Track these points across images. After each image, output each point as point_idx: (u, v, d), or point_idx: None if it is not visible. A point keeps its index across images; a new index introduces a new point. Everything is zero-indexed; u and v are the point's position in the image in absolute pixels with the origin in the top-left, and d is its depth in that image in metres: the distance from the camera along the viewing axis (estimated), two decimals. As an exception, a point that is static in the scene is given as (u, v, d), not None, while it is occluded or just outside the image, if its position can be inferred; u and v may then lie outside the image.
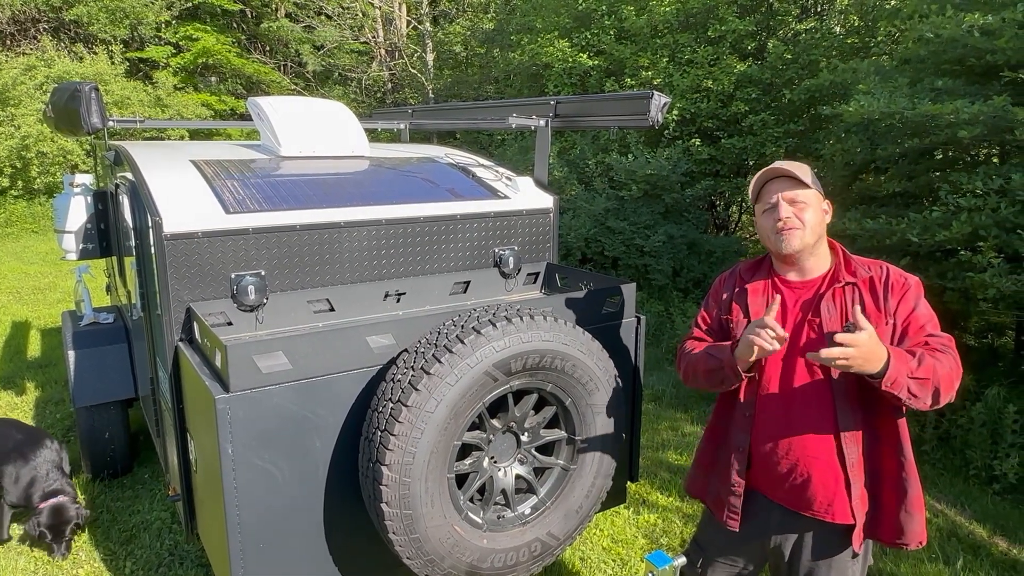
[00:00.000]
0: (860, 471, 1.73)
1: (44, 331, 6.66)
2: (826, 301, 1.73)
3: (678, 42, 8.11)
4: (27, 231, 12.59)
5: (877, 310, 1.70)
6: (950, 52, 4.28)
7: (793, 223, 1.72)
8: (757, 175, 1.82)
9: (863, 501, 1.74)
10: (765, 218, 1.79)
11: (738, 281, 1.92)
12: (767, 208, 1.78)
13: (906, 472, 1.71)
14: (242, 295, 2.38)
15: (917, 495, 1.72)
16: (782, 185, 1.75)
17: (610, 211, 7.52)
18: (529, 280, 3.10)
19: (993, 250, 3.86)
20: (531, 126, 3.17)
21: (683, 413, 5.02)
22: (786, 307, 1.79)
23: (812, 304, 1.76)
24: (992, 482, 3.90)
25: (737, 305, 1.89)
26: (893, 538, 1.74)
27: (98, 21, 15.32)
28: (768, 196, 1.77)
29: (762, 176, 1.80)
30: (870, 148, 5.05)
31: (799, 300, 1.78)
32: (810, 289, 1.78)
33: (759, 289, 1.85)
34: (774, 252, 1.82)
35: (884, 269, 1.74)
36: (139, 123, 3.29)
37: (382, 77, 16.81)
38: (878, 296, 1.71)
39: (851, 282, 1.73)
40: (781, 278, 1.84)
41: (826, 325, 1.71)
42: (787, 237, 1.73)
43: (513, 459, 2.18)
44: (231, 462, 1.81)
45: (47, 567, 3.03)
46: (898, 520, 1.72)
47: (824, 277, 1.78)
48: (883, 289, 1.71)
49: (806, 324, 1.75)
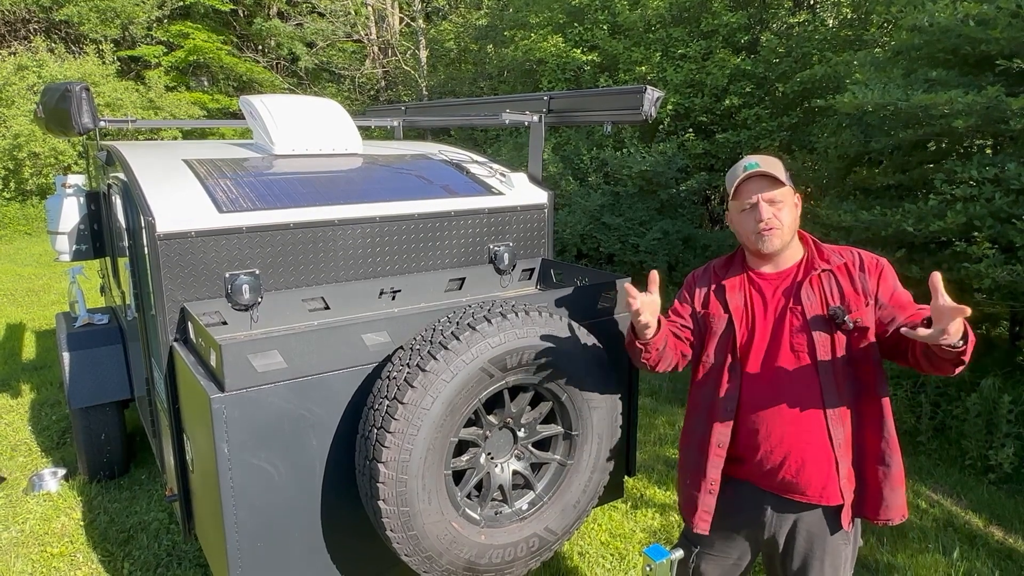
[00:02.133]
0: (848, 450, 1.77)
1: (39, 333, 6.64)
2: (805, 289, 1.78)
3: (671, 36, 8.10)
4: (20, 233, 12.54)
5: (856, 293, 1.75)
6: (944, 42, 4.28)
7: (774, 223, 1.75)
8: (733, 172, 1.82)
9: (850, 480, 1.78)
10: (744, 217, 1.80)
11: (713, 277, 1.95)
12: (745, 208, 1.79)
13: (889, 448, 1.76)
14: (236, 294, 2.37)
15: (899, 470, 1.77)
16: (759, 184, 1.76)
17: (605, 207, 7.53)
18: (524, 276, 3.10)
19: (988, 240, 3.86)
20: (524, 122, 3.17)
21: (680, 408, 5.03)
22: (765, 298, 1.83)
23: (791, 293, 1.80)
24: (987, 472, 3.92)
25: (716, 300, 1.91)
26: (878, 514, 1.78)
27: (89, 21, 15.23)
28: (746, 195, 1.78)
29: (737, 174, 1.79)
30: (864, 140, 5.05)
31: (776, 290, 1.82)
32: (785, 279, 1.82)
33: (736, 285, 1.88)
34: (752, 250, 1.85)
35: (855, 254, 1.80)
36: (131, 123, 3.27)
37: (375, 75, 16.77)
38: (854, 280, 1.76)
39: (827, 269, 1.78)
40: (755, 272, 1.87)
41: (808, 311, 1.76)
42: (768, 238, 1.77)
43: (510, 455, 2.18)
44: (227, 462, 1.80)
45: (45, 569, 3.02)
46: (883, 496, 1.77)
47: (798, 266, 1.82)
48: (859, 272, 1.76)
49: (788, 312, 1.78)
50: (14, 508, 3.49)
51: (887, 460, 1.76)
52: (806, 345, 1.75)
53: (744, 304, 1.86)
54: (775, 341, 1.79)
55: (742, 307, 1.86)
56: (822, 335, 1.74)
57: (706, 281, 1.96)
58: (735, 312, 1.85)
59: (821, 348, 1.74)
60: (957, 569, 3.02)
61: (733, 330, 1.84)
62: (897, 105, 4.10)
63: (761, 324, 1.82)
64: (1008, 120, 3.74)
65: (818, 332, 1.74)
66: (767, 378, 1.80)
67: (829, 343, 1.74)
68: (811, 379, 1.75)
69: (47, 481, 3.69)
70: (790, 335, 1.77)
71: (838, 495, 1.77)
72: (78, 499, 3.56)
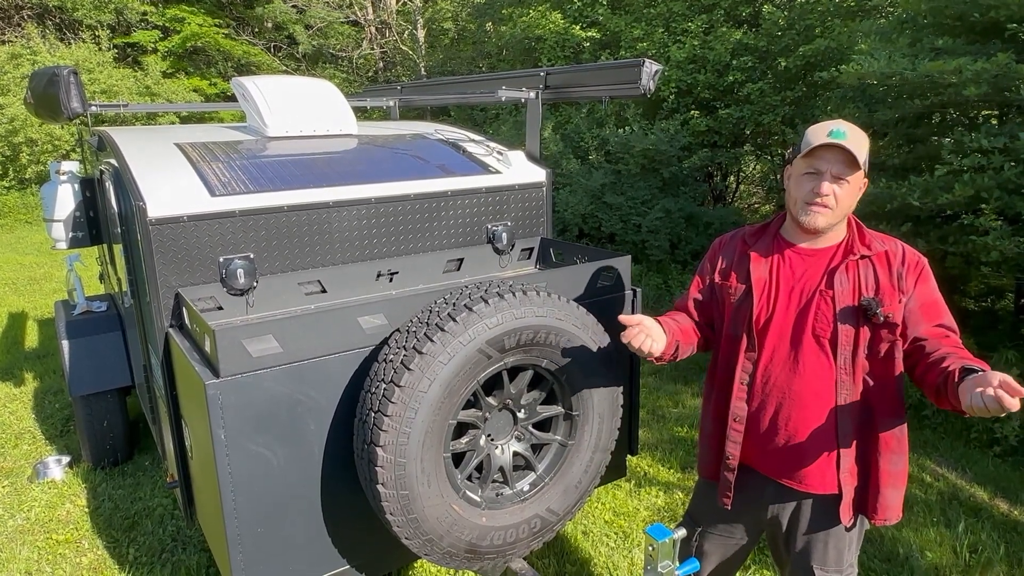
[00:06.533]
0: (852, 444, 1.71)
1: (41, 321, 6.64)
2: (839, 273, 1.67)
3: (672, 11, 7.96)
4: (21, 221, 12.52)
5: (891, 286, 1.64)
6: (951, 8, 4.18)
7: (829, 202, 1.62)
8: (815, 131, 1.63)
9: (852, 475, 1.72)
10: (802, 181, 1.65)
11: (740, 245, 1.85)
12: (810, 172, 1.64)
13: (900, 448, 1.71)
14: (231, 279, 2.34)
15: (903, 470, 1.72)
16: (836, 157, 1.59)
17: (607, 186, 7.45)
18: (523, 256, 3.06)
19: (995, 213, 3.81)
20: (521, 98, 3.11)
21: (683, 385, 5.01)
22: (795, 274, 1.73)
23: (824, 275, 1.69)
24: (992, 445, 3.90)
25: (736, 272, 1.82)
26: (877, 514, 1.73)
27: (82, 7, 15.07)
28: (817, 161, 1.62)
29: (819, 135, 1.61)
30: (868, 113, 4.97)
31: (808, 268, 1.72)
32: (822, 259, 1.71)
33: (763, 256, 1.78)
34: (794, 218, 1.72)
35: (899, 245, 1.69)
36: (122, 107, 3.22)
37: (373, 56, 16.58)
38: (892, 272, 1.65)
39: (866, 255, 1.67)
40: (790, 244, 1.76)
41: (839, 299, 1.65)
42: (815, 213, 1.64)
43: (510, 436, 2.16)
44: (224, 448, 1.78)
45: (50, 556, 3.03)
46: (885, 496, 1.71)
47: (837, 247, 1.71)
48: (900, 266, 1.65)
49: (817, 295, 1.69)
50: (19, 496, 3.50)
51: (894, 460, 1.70)
52: (829, 332, 1.66)
53: (769, 276, 1.76)
54: (798, 322, 1.71)
55: (765, 279, 1.76)
56: (848, 325, 1.65)
57: (732, 250, 1.87)
58: (756, 284, 1.76)
59: (844, 338, 1.65)
60: (962, 542, 3.01)
61: (752, 303, 1.76)
62: (903, 75, 4.01)
63: (784, 301, 1.73)
64: (1019, 88, 3.66)
65: (845, 321, 1.65)
66: (785, 358, 1.73)
67: (853, 334, 1.65)
68: (827, 367, 1.68)
69: (51, 469, 3.70)
70: (814, 319, 1.68)
71: (835, 486, 1.72)
72: (82, 486, 3.57)
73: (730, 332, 1.84)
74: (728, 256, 1.87)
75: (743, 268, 1.80)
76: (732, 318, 1.83)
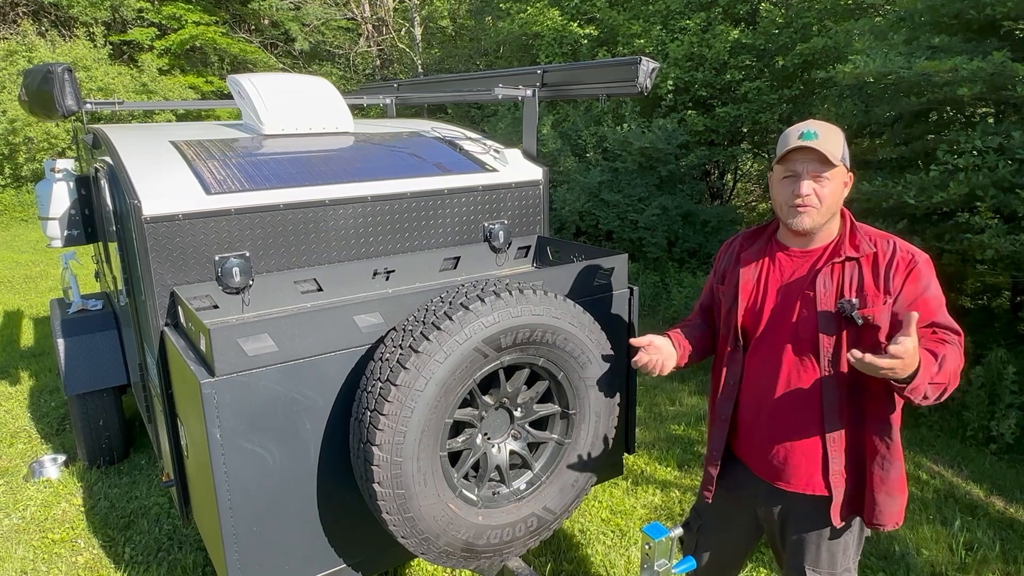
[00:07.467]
0: (841, 447, 1.69)
1: (36, 320, 6.62)
2: (823, 275, 1.66)
3: (670, 8, 7.95)
4: (16, 220, 12.48)
5: (876, 288, 1.60)
6: (948, 6, 4.18)
7: (811, 202, 1.61)
8: (786, 136, 1.65)
9: (841, 477, 1.70)
10: (783, 186, 1.66)
11: (737, 248, 1.87)
12: (788, 175, 1.65)
13: (890, 453, 1.67)
14: (227, 277, 2.34)
15: (898, 477, 1.68)
16: (810, 157, 1.60)
17: (604, 183, 7.45)
18: (520, 254, 3.06)
19: (990, 211, 3.81)
20: (518, 96, 3.10)
21: (681, 384, 5.02)
22: (783, 277, 1.73)
23: (808, 277, 1.69)
24: (989, 443, 3.91)
25: (728, 275, 1.85)
26: (871, 518, 1.71)
27: (78, 3, 15.00)
28: (792, 164, 1.63)
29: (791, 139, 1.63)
30: (864, 111, 4.97)
31: (796, 270, 1.72)
32: (808, 260, 1.71)
33: (753, 259, 1.79)
34: (783, 221, 1.73)
35: (891, 244, 1.64)
36: (118, 105, 3.21)
37: (370, 53, 16.54)
38: (879, 273, 1.61)
39: (852, 257, 1.64)
40: (781, 247, 1.76)
41: (820, 301, 1.65)
42: (801, 214, 1.63)
43: (507, 435, 2.16)
44: (220, 447, 1.78)
45: (46, 555, 3.02)
46: (876, 500, 1.69)
47: (826, 248, 1.70)
48: (886, 267, 1.61)
49: (800, 297, 1.68)
50: (15, 495, 3.49)
51: (885, 465, 1.67)
52: (812, 334, 1.66)
53: (757, 279, 1.77)
54: (783, 324, 1.71)
55: (752, 282, 1.77)
56: (829, 327, 1.64)
57: (730, 253, 1.89)
58: (743, 287, 1.77)
59: (825, 341, 1.64)
60: (958, 540, 3.02)
61: (737, 306, 1.78)
62: (899, 73, 4.02)
63: (770, 304, 1.73)
64: (1015, 86, 3.67)
65: (826, 324, 1.64)
66: (768, 360, 1.73)
67: (835, 336, 1.64)
68: (812, 370, 1.68)
69: (47, 468, 3.69)
70: (797, 321, 1.68)
71: (824, 488, 1.71)
72: (78, 485, 3.56)
73: (722, 333, 1.88)
74: (726, 259, 1.90)
75: (735, 271, 1.83)
76: (724, 320, 1.86)
